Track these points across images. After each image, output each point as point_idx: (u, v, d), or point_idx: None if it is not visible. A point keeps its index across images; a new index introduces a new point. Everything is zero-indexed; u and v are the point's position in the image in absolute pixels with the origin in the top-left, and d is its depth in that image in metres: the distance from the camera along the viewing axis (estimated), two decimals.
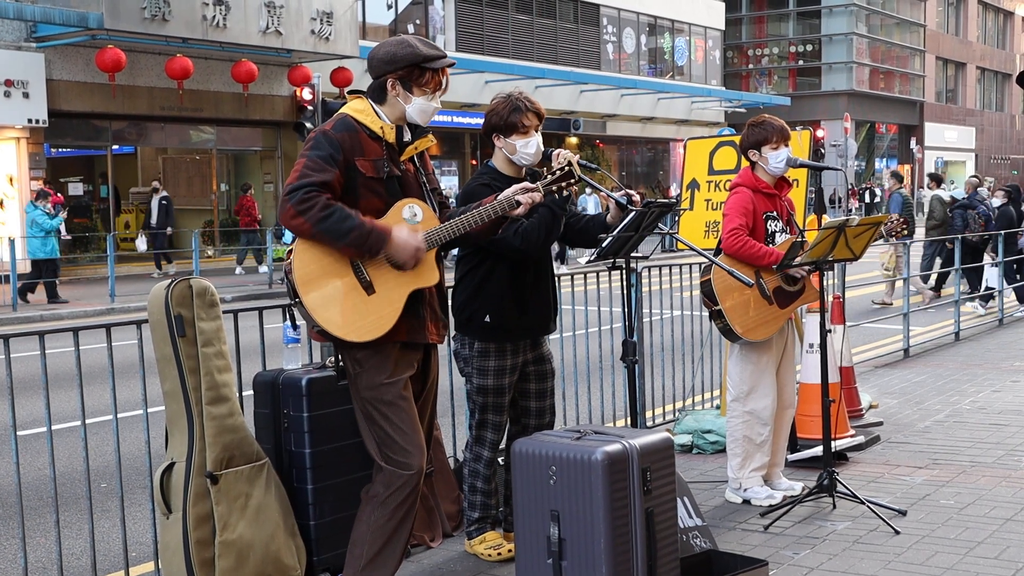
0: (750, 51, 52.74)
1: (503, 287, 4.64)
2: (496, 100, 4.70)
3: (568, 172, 4.09)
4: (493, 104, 4.69)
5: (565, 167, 4.09)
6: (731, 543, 4.89)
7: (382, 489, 3.77)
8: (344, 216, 3.61)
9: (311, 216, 3.59)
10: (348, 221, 3.61)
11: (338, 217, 3.60)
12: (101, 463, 6.83)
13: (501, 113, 4.62)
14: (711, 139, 7.48)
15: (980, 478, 5.89)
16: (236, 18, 22.33)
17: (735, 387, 5.54)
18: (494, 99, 4.74)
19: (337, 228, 3.60)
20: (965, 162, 61.14)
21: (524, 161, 4.63)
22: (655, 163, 42.10)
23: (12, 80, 20.77)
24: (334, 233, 3.60)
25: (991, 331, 12.00)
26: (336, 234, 3.60)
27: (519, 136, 4.60)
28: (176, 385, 4.11)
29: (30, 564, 4.75)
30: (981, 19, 64.12)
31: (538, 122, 4.64)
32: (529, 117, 4.60)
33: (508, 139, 4.62)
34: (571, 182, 4.10)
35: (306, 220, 3.59)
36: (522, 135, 4.60)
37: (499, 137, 4.65)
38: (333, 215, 3.60)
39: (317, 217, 3.59)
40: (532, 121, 4.61)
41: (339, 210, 3.62)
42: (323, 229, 3.59)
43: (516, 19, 33.84)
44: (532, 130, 4.61)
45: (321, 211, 3.59)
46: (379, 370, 3.76)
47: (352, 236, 3.60)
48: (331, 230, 3.59)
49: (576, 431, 3.85)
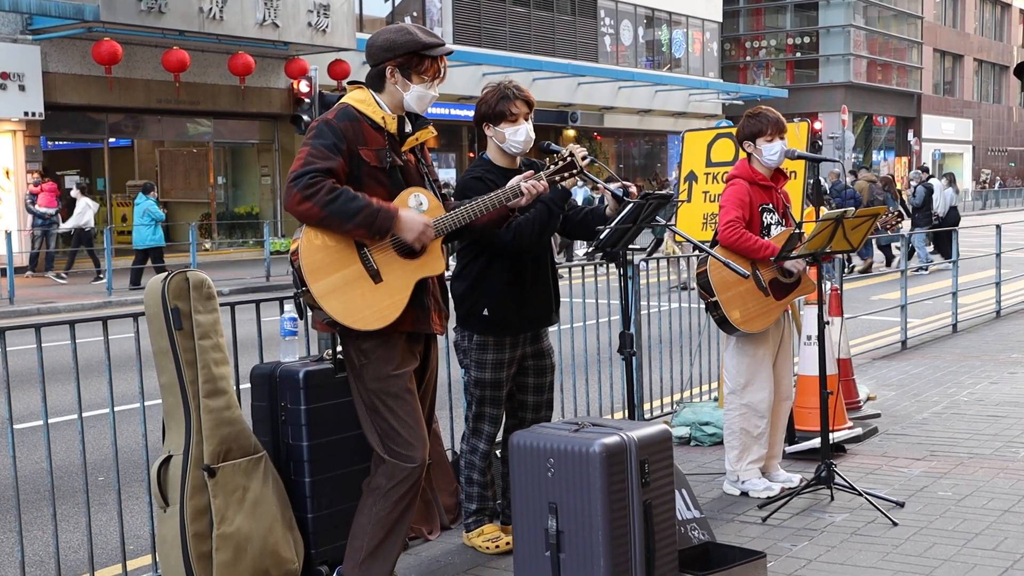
0: (748, 43, 52.68)
1: (501, 280, 4.63)
2: (486, 90, 4.70)
3: (571, 163, 4.08)
4: (483, 94, 4.69)
5: (567, 157, 4.09)
6: (729, 535, 4.89)
7: (384, 481, 3.77)
8: (351, 197, 3.61)
9: (318, 199, 3.58)
10: (355, 201, 3.60)
11: (345, 198, 3.60)
12: (98, 456, 6.82)
13: (490, 101, 4.62)
14: (709, 131, 7.47)
15: (978, 469, 5.89)
16: (233, 10, 22.29)
17: (732, 380, 5.54)
18: (484, 88, 4.74)
19: (345, 209, 3.59)
20: (962, 154, 61.18)
21: (514, 149, 4.62)
22: (652, 156, 42.06)
23: (8, 73, 20.73)
24: (342, 214, 3.59)
25: (989, 323, 12.00)
26: (344, 215, 3.59)
27: (508, 124, 4.59)
28: (173, 378, 4.09)
29: (27, 557, 4.75)
30: (979, 11, 64.08)
31: (527, 110, 4.63)
32: (517, 105, 4.58)
33: (497, 127, 4.61)
34: (573, 172, 4.10)
35: (313, 204, 3.58)
36: (511, 123, 4.59)
37: (489, 126, 4.65)
38: (340, 196, 3.60)
39: (324, 200, 3.58)
40: (521, 109, 4.59)
41: (345, 191, 3.62)
42: (331, 211, 3.58)
43: (513, 11, 33.79)
44: (521, 118, 4.60)
45: (328, 194, 3.59)
46: (386, 361, 3.75)
47: (360, 216, 3.59)
48: (339, 211, 3.58)
49: (574, 423, 3.85)
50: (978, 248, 17.66)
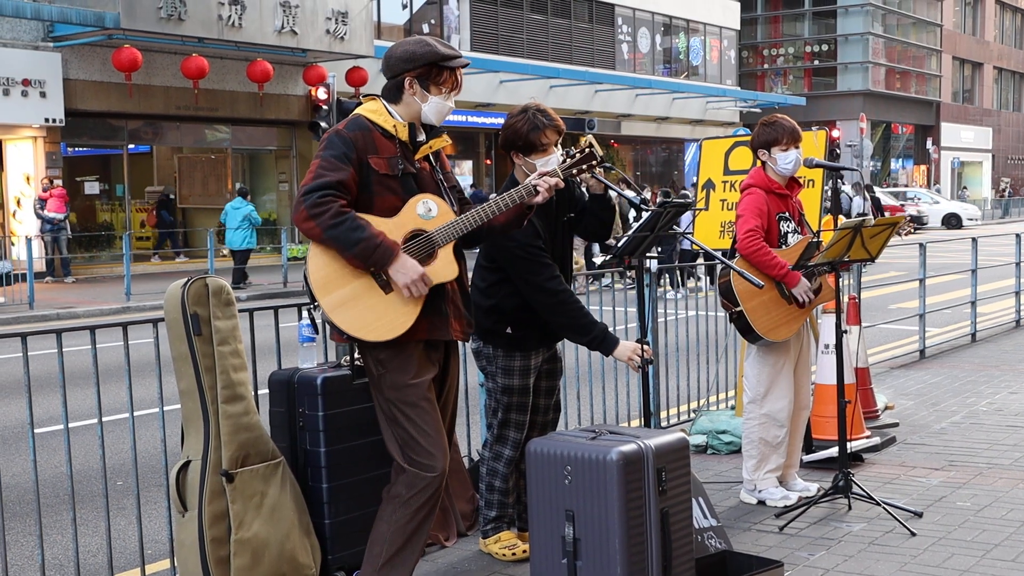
0: (765, 51, 52.62)
1: (524, 300, 4.59)
2: (514, 116, 4.56)
3: (590, 153, 3.96)
4: (511, 120, 4.55)
5: (586, 149, 3.97)
6: (746, 544, 4.88)
7: (404, 490, 3.77)
8: (355, 226, 3.61)
9: (322, 221, 3.60)
10: (357, 232, 3.60)
11: (348, 227, 3.60)
12: (117, 461, 6.85)
13: (520, 132, 4.50)
14: (726, 139, 7.45)
15: (997, 480, 5.86)
16: (251, 18, 22.39)
17: (752, 389, 5.52)
18: (511, 114, 4.59)
19: (346, 238, 3.60)
20: (981, 163, 60.88)
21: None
22: (670, 163, 42.02)
23: (29, 80, 20.89)
24: (342, 241, 3.61)
25: (1008, 332, 11.93)
26: (344, 243, 3.61)
27: (539, 155, 4.50)
28: (192, 383, 4.12)
29: (47, 561, 4.78)
30: (998, 19, 63.80)
31: (557, 137, 4.53)
32: (548, 135, 4.49)
33: (528, 158, 4.51)
34: (592, 164, 3.98)
35: (317, 224, 3.60)
36: (542, 154, 4.50)
37: (518, 155, 4.55)
38: (344, 223, 3.60)
39: (328, 224, 3.60)
40: (551, 138, 4.50)
41: (350, 219, 3.61)
42: (332, 236, 3.60)
43: (531, 19, 33.83)
44: (552, 147, 4.52)
45: (332, 218, 3.60)
46: (402, 371, 3.76)
47: (359, 248, 3.60)
48: (339, 238, 3.60)
49: (591, 431, 3.85)
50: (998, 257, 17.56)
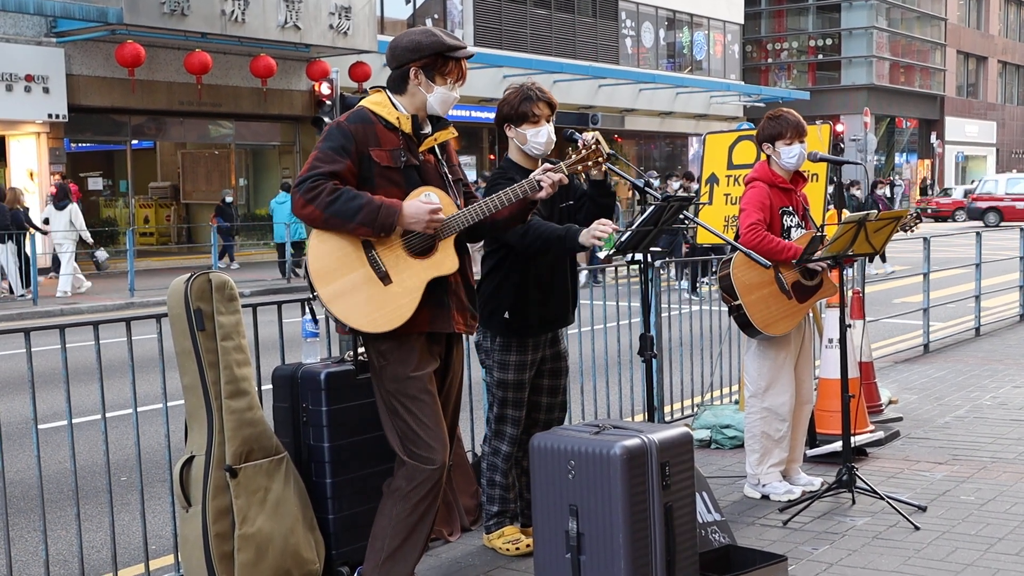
0: (769, 45, 52.52)
1: (522, 283, 4.63)
2: (508, 91, 4.70)
3: (596, 149, 3.98)
4: (505, 95, 4.69)
5: (592, 145, 4.00)
6: (750, 538, 4.87)
7: (404, 483, 3.77)
8: (351, 196, 3.63)
9: (320, 202, 3.61)
10: (356, 200, 3.62)
11: (346, 198, 3.62)
12: (121, 456, 6.86)
13: (512, 103, 4.61)
14: (730, 133, 7.45)
15: (1001, 474, 5.86)
16: (254, 13, 22.39)
17: (753, 383, 5.52)
18: (507, 90, 4.73)
19: (346, 208, 3.61)
20: (986, 157, 60.76)
21: (535, 151, 4.61)
22: (673, 158, 41.99)
23: (33, 75, 20.90)
24: (344, 214, 3.61)
25: (1012, 327, 11.92)
26: (346, 214, 3.61)
27: (530, 126, 4.58)
28: (195, 379, 4.12)
29: (51, 556, 4.78)
30: (1003, 12, 63.64)
31: (549, 112, 4.61)
32: (540, 107, 4.57)
33: (519, 129, 4.61)
34: (598, 160, 3.99)
35: (315, 207, 3.62)
36: (533, 124, 4.58)
37: (510, 127, 4.64)
38: (340, 197, 3.62)
39: (325, 202, 3.61)
40: (543, 111, 4.58)
41: (346, 191, 3.64)
42: (333, 212, 3.61)
43: (534, 13, 33.80)
44: (543, 120, 4.59)
45: (328, 195, 3.62)
46: (403, 363, 3.76)
47: (362, 214, 3.61)
48: (340, 211, 3.61)
49: (595, 425, 3.85)
50: (1001, 251, 17.54)
